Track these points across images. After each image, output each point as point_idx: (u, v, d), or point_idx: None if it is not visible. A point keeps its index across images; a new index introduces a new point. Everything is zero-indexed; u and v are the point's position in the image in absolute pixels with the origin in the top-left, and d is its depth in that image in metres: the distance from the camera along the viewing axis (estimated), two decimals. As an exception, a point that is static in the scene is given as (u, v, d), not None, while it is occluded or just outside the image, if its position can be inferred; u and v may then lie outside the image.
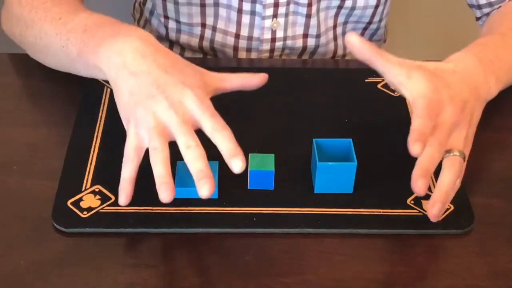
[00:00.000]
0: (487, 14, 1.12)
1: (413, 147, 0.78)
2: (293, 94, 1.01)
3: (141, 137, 0.81)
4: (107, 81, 1.01)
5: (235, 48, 1.16)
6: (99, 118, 0.96)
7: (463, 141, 0.84)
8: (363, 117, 0.98)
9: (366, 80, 1.04)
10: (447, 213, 0.85)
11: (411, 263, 0.81)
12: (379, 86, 1.03)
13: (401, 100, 1.00)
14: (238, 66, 1.12)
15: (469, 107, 0.86)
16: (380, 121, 0.97)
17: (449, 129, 0.83)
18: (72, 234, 0.82)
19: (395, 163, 0.91)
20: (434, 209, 0.81)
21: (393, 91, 1.02)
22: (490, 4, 1.11)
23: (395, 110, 0.99)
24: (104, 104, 0.98)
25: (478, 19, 1.15)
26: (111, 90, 0.99)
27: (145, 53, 0.84)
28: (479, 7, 1.13)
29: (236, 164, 0.77)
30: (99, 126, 0.94)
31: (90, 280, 0.78)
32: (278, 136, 0.94)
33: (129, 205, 0.84)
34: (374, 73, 1.05)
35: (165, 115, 0.80)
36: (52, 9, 0.95)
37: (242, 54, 1.17)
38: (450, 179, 0.82)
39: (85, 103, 0.98)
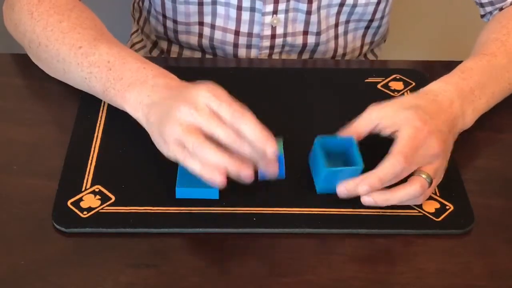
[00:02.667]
0: (491, 13, 1.12)
1: (361, 190, 0.83)
2: (293, 94, 1.01)
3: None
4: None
5: (235, 45, 1.16)
6: (99, 118, 0.96)
7: (433, 171, 0.84)
8: (363, 117, 0.98)
9: (366, 80, 1.04)
10: (447, 213, 0.85)
11: (411, 263, 0.81)
12: (379, 86, 1.03)
13: (401, 100, 1.00)
14: (238, 67, 1.12)
15: (448, 139, 0.86)
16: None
17: (424, 161, 0.84)
18: (72, 234, 0.82)
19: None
20: (364, 193, 0.83)
21: (393, 91, 1.02)
22: (491, 3, 1.11)
23: (395, 110, 0.99)
24: (104, 104, 0.97)
25: (482, 16, 1.15)
26: (111, 90, 1.00)
27: (171, 86, 0.87)
28: (482, 5, 1.13)
29: (270, 150, 0.80)
30: (99, 126, 0.94)
31: (90, 280, 0.78)
32: (278, 135, 0.94)
33: (129, 205, 0.84)
34: (374, 73, 1.06)
35: (189, 116, 0.81)
36: (70, 33, 0.95)
37: (242, 51, 1.17)
38: (405, 193, 0.83)
39: (85, 103, 0.98)
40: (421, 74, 1.05)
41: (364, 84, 1.04)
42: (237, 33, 1.15)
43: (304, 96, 1.01)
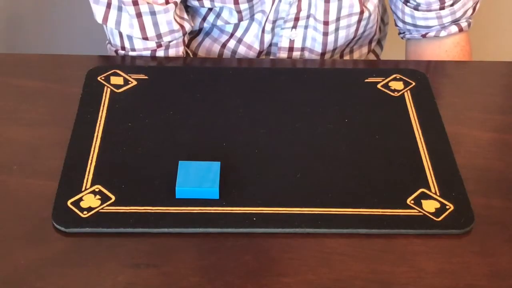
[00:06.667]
0: (410, 32, 1.14)
1: None
2: (293, 94, 1.01)
3: None
4: (107, 81, 1.01)
5: (259, 53, 1.18)
6: (99, 118, 0.96)
7: None
8: (363, 117, 0.98)
9: (366, 80, 1.04)
10: (447, 213, 0.85)
11: (411, 263, 0.81)
12: (379, 86, 1.03)
13: (401, 100, 1.00)
14: (238, 67, 1.12)
15: None
16: (379, 121, 0.97)
17: None
18: (72, 234, 0.82)
19: (394, 163, 0.91)
20: None
21: (393, 91, 1.02)
22: (414, 25, 1.13)
23: (395, 110, 0.99)
24: (104, 104, 0.98)
25: (400, 33, 1.18)
26: (111, 90, 1.00)
27: None
28: (404, 22, 1.15)
29: None
30: (99, 126, 0.94)
31: (90, 280, 0.78)
32: (278, 135, 0.94)
33: (129, 205, 0.84)
34: (374, 73, 1.06)
35: None
36: None
37: (261, 58, 1.18)
38: None
39: (85, 103, 0.98)
40: (421, 74, 1.05)
41: (364, 84, 1.04)
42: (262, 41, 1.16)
43: (304, 96, 1.01)
